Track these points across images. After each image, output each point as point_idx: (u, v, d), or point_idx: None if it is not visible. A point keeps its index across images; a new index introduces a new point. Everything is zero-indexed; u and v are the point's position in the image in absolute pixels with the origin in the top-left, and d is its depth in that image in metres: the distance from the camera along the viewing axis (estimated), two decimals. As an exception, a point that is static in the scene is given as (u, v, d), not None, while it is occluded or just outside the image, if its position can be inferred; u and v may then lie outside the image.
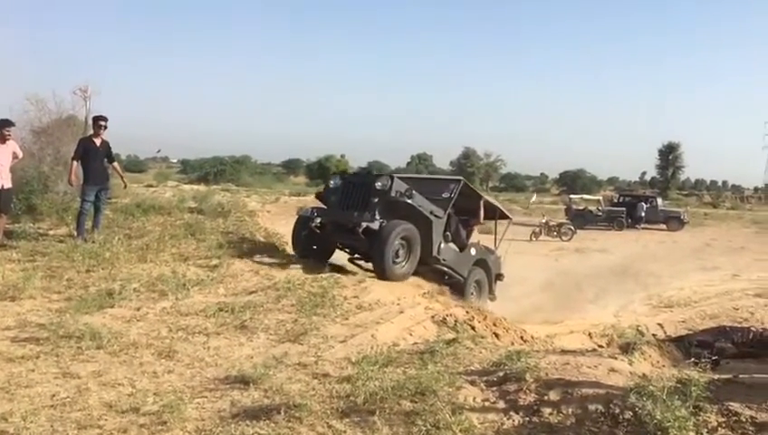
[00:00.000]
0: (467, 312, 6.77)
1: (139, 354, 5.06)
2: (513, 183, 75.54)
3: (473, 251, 9.63)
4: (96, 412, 3.94)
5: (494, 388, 4.30)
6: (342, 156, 59.16)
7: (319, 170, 53.88)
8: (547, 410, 3.84)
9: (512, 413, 3.89)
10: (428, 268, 8.68)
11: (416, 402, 3.98)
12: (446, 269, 9.00)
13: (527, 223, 28.48)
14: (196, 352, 5.20)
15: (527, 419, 3.82)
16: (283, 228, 10.52)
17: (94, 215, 9.12)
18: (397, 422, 3.74)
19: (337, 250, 9.25)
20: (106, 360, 4.87)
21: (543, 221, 24.28)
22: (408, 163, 75.06)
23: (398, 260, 8.00)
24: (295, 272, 7.78)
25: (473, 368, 4.77)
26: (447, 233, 8.87)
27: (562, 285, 12.18)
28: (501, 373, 4.50)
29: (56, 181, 11.24)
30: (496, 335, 6.41)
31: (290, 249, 9.27)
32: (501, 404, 4.03)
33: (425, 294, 7.32)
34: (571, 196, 35.35)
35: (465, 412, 3.84)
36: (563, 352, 5.37)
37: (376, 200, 8.11)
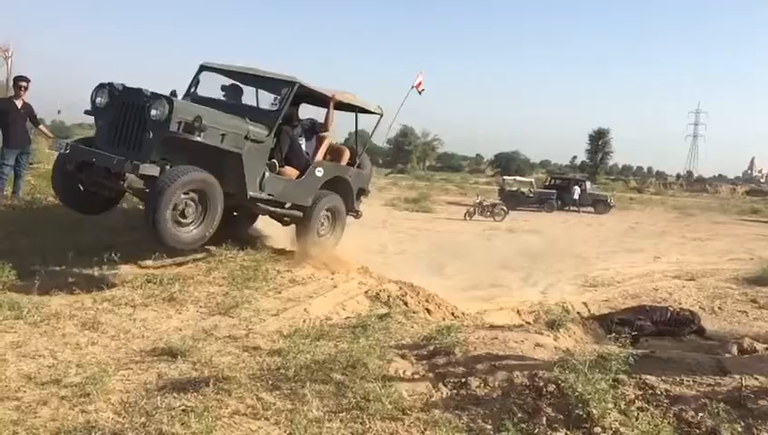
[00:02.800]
0: (400, 287, 6.83)
1: (61, 325, 4.88)
2: (449, 163, 76.48)
3: (319, 171, 7.43)
4: (14, 384, 3.79)
5: (424, 361, 4.37)
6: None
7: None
8: (474, 383, 3.94)
9: (440, 386, 3.97)
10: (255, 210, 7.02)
11: (346, 375, 4.00)
12: (273, 209, 7.08)
13: (462, 202, 29.02)
14: (121, 324, 5.05)
15: (455, 391, 3.91)
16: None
17: (14, 180, 8.68)
18: (327, 394, 3.76)
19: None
20: (26, 330, 4.67)
21: (477, 201, 24.69)
22: (346, 139, 74.68)
23: (184, 221, 5.86)
24: (228, 245, 7.62)
25: (404, 342, 4.83)
26: (273, 161, 6.80)
27: (495, 263, 12.41)
28: (431, 347, 4.58)
29: (-27, 144, 10.60)
30: (428, 311, 6.48)
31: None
32: (430, 377, 4.11)
33: (359, 269, 7.32)
34: (505, 177, 36.12)
35: (394, 385, 3.89)
36: (492, 327, 5.51)
37: (152, 136, 5.79)
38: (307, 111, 8.05)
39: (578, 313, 8.35)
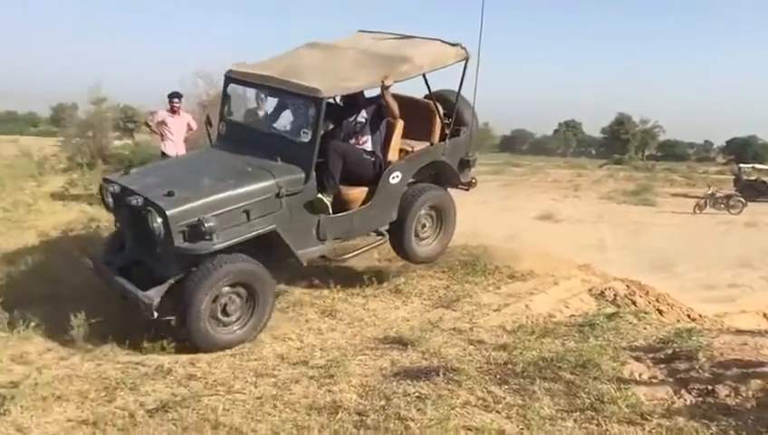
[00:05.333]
0: (627, 286, 6.46)
1: (304, 312, 5.42)
2: (672, 151, 70.35)
3: (395, 177, 5.67)
4: (270, 362, 4.30)
5: (662, 365, 4.10)
6: (486, 124, 57.94)
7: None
8: (723, 392, 3.61)
9: (683, 392, 3.70)
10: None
11: (576, 375, 3.90)
12: (346, 257, 5.82)
13: (689, 194, 26.55)
14: (355, 313, 5.47)
15: (700, 399, 3.62)
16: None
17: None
18: (557, 393, 3.69)
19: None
20: (276, 316, 5.23)
21: (709, 192, 22.39)
22: (556, 131, 72.29)
23: (226, 320, 4.75)
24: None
25: (637, 344, 4.57)
26: (323, 200, 5.19)
27: (732, 261, 11.24)
28: (669, 351, 4.28)
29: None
30: (660, 312, 6.06)
31: None
32: (670, 382, 3.84)
33: (581, 266, 7.06)
34: (741, 165, 32.25)
35: (630, 388, 3.71)
36: (739, 331, 4.99)
37: (162, 250, 4.76)
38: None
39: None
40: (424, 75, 5.90)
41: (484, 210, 13.79)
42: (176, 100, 8.74)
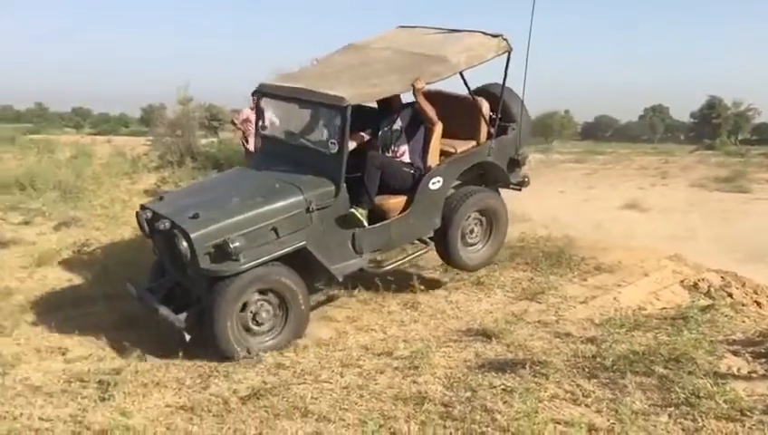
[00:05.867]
0: (722, 277, 6.14)
1: (386, 303, 5.48)
2: (768, 134, 66.15)
3: (435, 183, 5.39)
4: (355, 353, 4.38)
5: (763, 360, 3.90)
6: (566, 111, 56.16)
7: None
8: (832, 389, 3.39)
9: (786, 389, 3.50)
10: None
11: (670, 369, 3.75)
12: (383, 269, 5.51)
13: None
14: (437, 305, 5.48)
15: (805, 396, 3.41)
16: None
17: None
18: (650, 388, 3.58)
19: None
20: (358, 307, 5.33)
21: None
22: (641, 116, 69.43)
23: (257, 329, 4.70)
24: (527, 231, 7.64)
25: (735, 338, 4.36)
26: (355, 213, 5.02)
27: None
28: (769, 345, 4.06)
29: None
30: (758, 304, 5.71)
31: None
32: (773, 378, 3.64)
33: (672, 256, 6.77)
34: None
35: (728, 382, 3.54)
36: None
37: (192, 274, 4.77)
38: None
39: None
40: (461, 73, 5.51)
41: (566, 200, 13.43)
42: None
